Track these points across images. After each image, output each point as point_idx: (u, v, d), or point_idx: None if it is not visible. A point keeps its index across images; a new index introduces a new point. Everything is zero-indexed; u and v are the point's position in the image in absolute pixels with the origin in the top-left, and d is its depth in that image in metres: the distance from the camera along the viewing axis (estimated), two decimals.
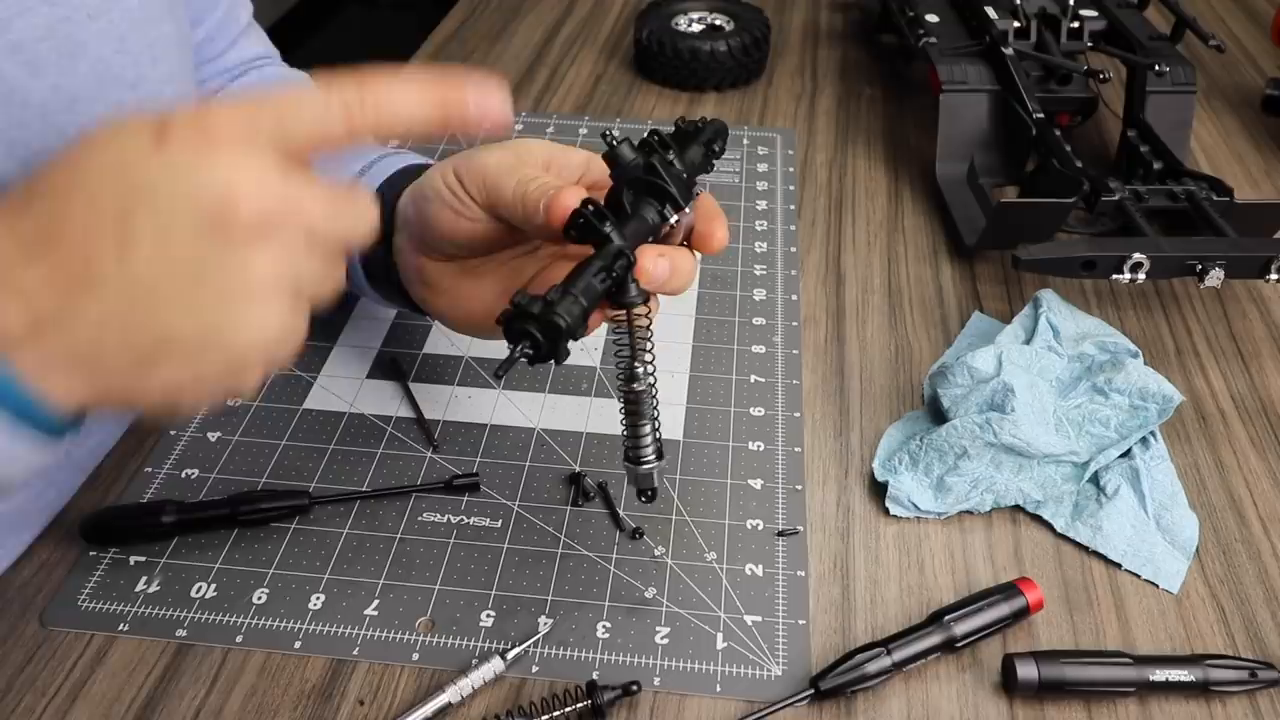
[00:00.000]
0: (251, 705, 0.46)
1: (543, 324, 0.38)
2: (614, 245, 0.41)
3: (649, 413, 0.46)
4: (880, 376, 0.64)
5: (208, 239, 0.33)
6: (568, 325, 0.39)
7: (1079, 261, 0.63)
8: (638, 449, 0.46)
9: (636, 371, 0.45)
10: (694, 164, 0.46)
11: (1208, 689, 0.46)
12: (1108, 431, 0.56)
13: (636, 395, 0.45)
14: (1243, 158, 0.87)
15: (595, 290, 0.40)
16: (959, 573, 0.52)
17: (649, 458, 0.46)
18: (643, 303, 0.43)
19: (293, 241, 0.34)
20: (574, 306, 0.39)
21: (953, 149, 0.80)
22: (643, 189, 0.44)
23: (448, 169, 0.49)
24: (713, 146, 0.47)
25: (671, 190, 0.43)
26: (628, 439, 0.46)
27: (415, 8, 3.00)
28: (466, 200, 0.48)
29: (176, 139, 0.33)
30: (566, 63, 1.00)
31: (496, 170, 0.47)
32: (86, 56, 0.48)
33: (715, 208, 0.46)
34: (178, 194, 0.33)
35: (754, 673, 0.47)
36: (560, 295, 0.39)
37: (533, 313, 0.39)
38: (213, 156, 0.33)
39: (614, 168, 0.44)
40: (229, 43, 0.68)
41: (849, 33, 1.07)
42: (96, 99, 0.48)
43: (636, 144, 0.44)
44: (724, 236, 0.46)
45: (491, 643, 0.48)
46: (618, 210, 0.43)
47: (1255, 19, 1.10)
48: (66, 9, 0.47)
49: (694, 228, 0.45)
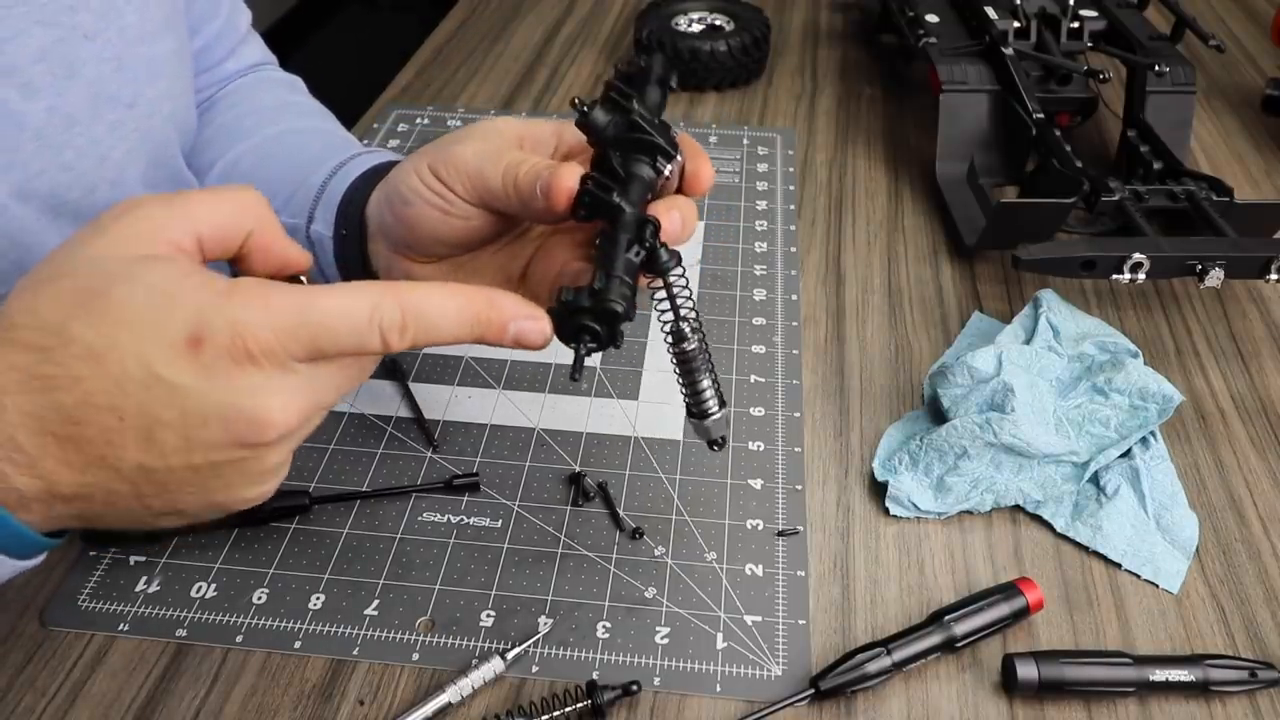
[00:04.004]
0: (251, 705, 0.46)
1: (599, 315, 0.38)
2: (632, 214, 0.40)
3: (704, 366, 0.44)
4: (880, 376, 0.64)
5: (230, 450, 0.34)
6: (625, 309, 0.38)
7: (1079, 261, 0.63)
8: (700, 403, 0.45)
9: (684, 331, 0.43)
10: (657, 105, 0.44)
11: (1208, 689, 0.46)
12: (1108, 431, 0.56)
13: (688, 354, 0.44)
14: (1243, 158, 0.87)
15: (634, 266, 0.40)
16: (959, 573, 0.52)
17: (713, 410, 0.45)
18: (676, 265, 0.42)
19: (307, 430, 0.36)
20: (624, 289, 0.38)
21: (953, 149, 0.80)
22: (629, 147, 0.42)
23: (422, 166, 0.46)
24: (668, 84, 0.46)
25: (659, 141, 0.42)
26: (688, 397, 0.45)
27: (415, 8, 3.00)
28: (452, 198, 0.45)
29: (211, 351, 0.33)
30: (566, 63, 1.00)
31: (478, 161, 0.45)
32: (83, 77, 0.47)
33: (696, 145, 0.45)
34: (208, 412, 0.33)
35: (754, 673, 0.47)
36: (606, 281, 0.38)
37: (585, 306, 0.38)
38: (246, 378, 0.33)
39: (592, 134, 0.42)
40: (228, 51, 0.67)
41: (849, 33, 1.07)
42: (93, 119, 0.48)
43: (603, 102, 0.43)
44: (710, 173, 0.45)
45: (491, 643, 0.48)
46: (613, 175, 0.42)
47: (1255, 19, 1.10)
48: (62, 30, 0.46)
49: (683, 169, 0.44)
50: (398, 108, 0.91)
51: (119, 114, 0.50)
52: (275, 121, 0.64)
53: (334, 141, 0.63)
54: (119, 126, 0.50)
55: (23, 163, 0.45)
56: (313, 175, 0.56)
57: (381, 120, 0.89)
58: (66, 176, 0.47)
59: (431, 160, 0.46)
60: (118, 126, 0.50)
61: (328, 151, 0.58)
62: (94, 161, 0.48)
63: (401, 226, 0.48)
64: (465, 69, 0.98)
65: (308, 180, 0.56)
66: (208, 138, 0.64)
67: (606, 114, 0.42)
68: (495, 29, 1.06)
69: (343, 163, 0.56)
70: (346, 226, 0.53)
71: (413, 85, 0.96)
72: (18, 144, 0.45)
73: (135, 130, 0.51)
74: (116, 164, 0.50)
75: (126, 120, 0.50)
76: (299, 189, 0.56)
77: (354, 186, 0.53)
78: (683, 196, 0.44)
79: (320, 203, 0.55)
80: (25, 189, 0.46)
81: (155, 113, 0.52)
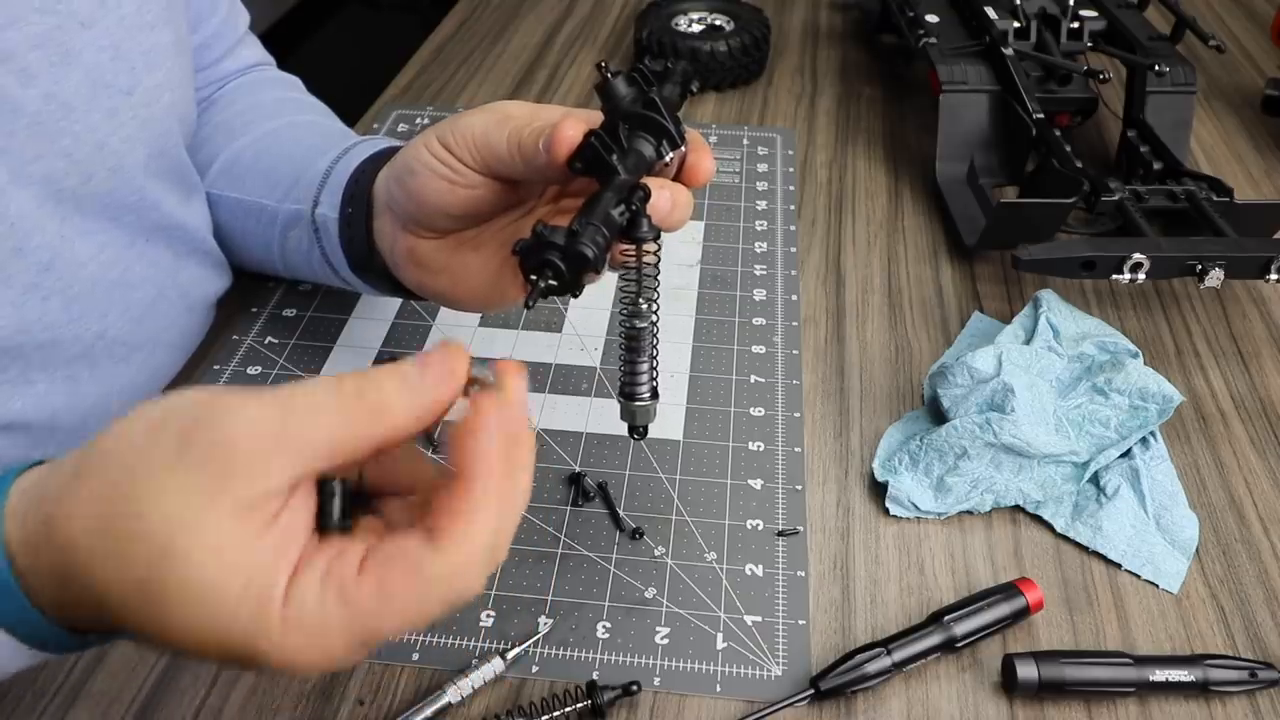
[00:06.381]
0: (251, 705, 0.46)
1: (567, 253, 0.37)
2: (624, 178, 0.40)
3: (648, 350, 0.45)
4: (880, 376, 0.64)
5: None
6: (595, 255, 0.37)
7: (1079, 261, 0.63)
8: (633, 384, 0.45)
9: (641, 308, 0.44)
10: (673, 103, 0.45)
11: (1208, 689, 0.46)
12: (1108, 431, 0.56)
13: (638, 331, 0.44)
14: (1243, 158, 0.87)
15: (615, 222, 0.39)
16: (959, 573, 0.52)
17: (643, 394, 0.45)
18: (654, 239, 0.42)
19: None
20: (599, 236, 0.38)
21: (953, 149, 0.80)
22: (639, 124, 0.42)
23: (431, 140, 0.46)
24: (689, 87, 0.46)
25: (669, 126, 0.42)
26: (624, 375, 0.45)
27: (415, 8, 3.00)
28: (459, 167, 0.46)
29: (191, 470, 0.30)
30: (566, 63, 1.00)
31: (485, 129, 0.45)
32: (79, 64, 0.47)
33: (702, 140, 0.45)
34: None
35: (754, 673, 0.47)
36: (583, 225, 0.38)
37: (556, 242, 0.37)
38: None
39: (608, 100, 0.43)
40: (225, 51, 0.67)
41: (849, 33, 1.07)
42: (90, 107, 0.48)
43: (625, 77, 0.43)
44: (710, 167, 0.45)
45: (491, 643, 0.48)
46: (616, 142, 0.42)
47: (1255, 19, 1.10)
48: (59, 17, 0.46)
49: (684, 161, 0.44)
50: (398, 108, 0.91)
51: (116, 101, 0.49)
52: (275, 116, 0.64)
53: (334, 134, 0.63)
54: (116, 114, 0.50)
55: (19, 149, 0.45)
56: (318, 160, 0.57)
57: (381, 120, 0.89)
58: (64, 163, 0.47)
59: (440, 133, 0.46)
60: (115, 114, 0.50)
61: (329, 142, 0.58)
62: (91, 148, 0.49)
63: (408, 199, 0.48)
64: (465, 69, 0.98)
65: (313, 165, 0.56)
66: (206, 135, 0.64)
67: (628, 86, 0.43)
68: (495, 29, 1.06)
69: (347, 149, 0.56)
70: (353, 205, 0.53)
71: (413, 85, 0.96)
72: (14, 130, 0.45)
73: (134, 118, 0.51)
74: (115, 151, 0.50)
75: (124, 108, 0.50)
76: (303, 174, 0.57)
77: (361, 168, 0.54)
78: (678, 184, 0.44)
79: (326, 186, 0.55)
80: (22, 175, 0.46)
81: (154, 101, 0.52)
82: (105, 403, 0.53)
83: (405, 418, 0.32)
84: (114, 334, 0.53)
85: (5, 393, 0.48)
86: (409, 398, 0.32)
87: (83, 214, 0.50)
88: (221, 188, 0.62)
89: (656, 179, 0.42)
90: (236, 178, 0.61)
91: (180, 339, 0.59)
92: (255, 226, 0.60)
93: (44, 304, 0.48)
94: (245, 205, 0.60)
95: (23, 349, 0.48)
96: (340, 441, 0.31)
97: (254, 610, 0.29)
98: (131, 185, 0.52)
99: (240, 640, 0.30)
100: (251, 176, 0.61)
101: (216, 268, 0.62)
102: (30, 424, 0.50)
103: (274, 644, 0.30)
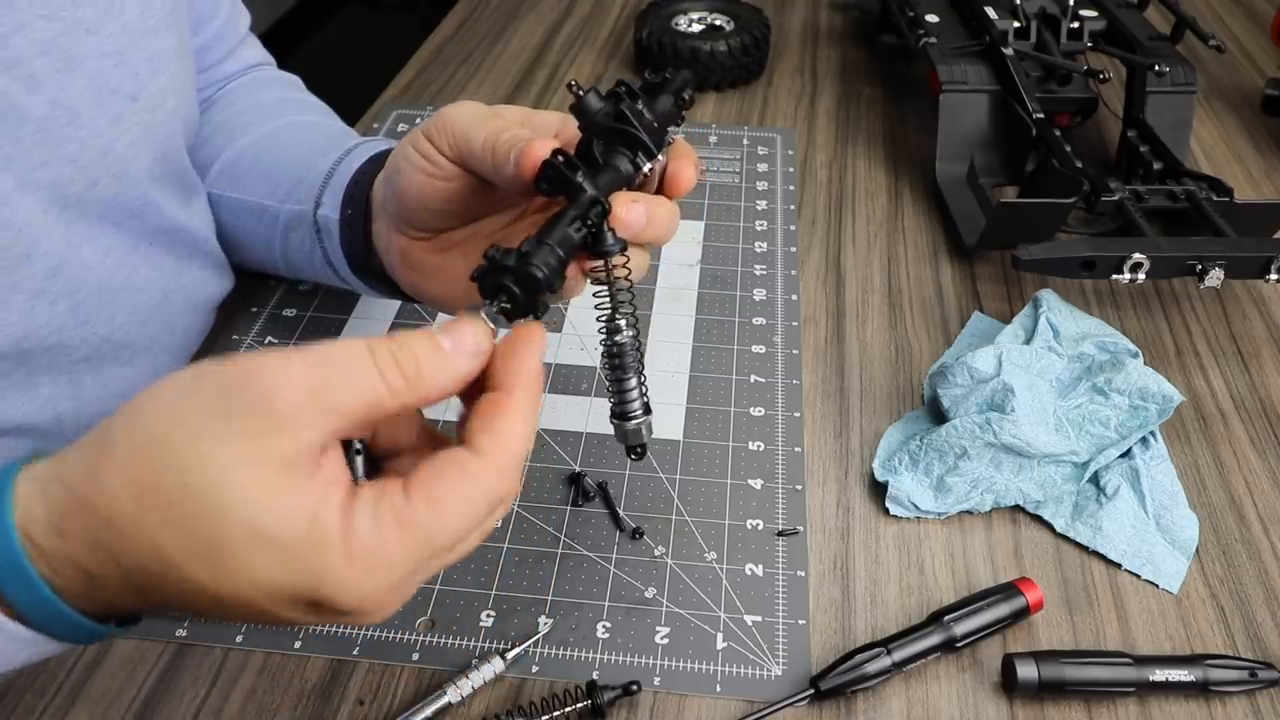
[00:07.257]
0: (251, 705, 0.46)
1: (518, 276, 0.37)
2: (587, 195, 0.40)
3: (633, 365, 0.44)
4: (880, 376, 0.64)
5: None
6: (545, 276, 0.37)
7: (1079, 261, 0.63)
8: (624, 404, 0.44)
9: (618, 324, 0.43)
10: (664, 113, 0.44)
11: (1207, 689, 0.47)
12: (1108, 431, 0.56)
13: (620, 348, 0.43)
14: (1243, 158, 0.87)
15: (571, 240, 0.39)
16: (959, 573, 0.52)
17: (636, 413, 0.44)
18: (620, 252, 0.41)
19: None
20: (550, 257, 0.37)
21: (953, 149, 0.80)
22: (613, 138, 0.42)
23: (417, 134, 0.46)
24: (682, 95, 0.45)
25: (643, 137, 0.42)
26: (613, 395, 0.45)
27: (415, 8, 3.00)
28: (436, 156, 0.45)
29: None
30: (566, 63, 1.00)
31: (465, 122, 0.44)
32: (85, 70, 0.47)
33: (688, 149, 0.44)
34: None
35: (754, 673, 0.47)
36: (535, 246, 0.37)
37: (507, 265, 0.37)
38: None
39: (582, 118, 0.42)
40: (226, 52, 0.67)
41: (849, 33, 1.07)
42: (96, 113, 0.48)
43: (604, 94, 0.43)
44: (691, 176, 0.44)
45: (491, 643, 0.48)
46: (589, 161, 0.42)
47: (1255, 19, 1.10)
48: (64, 24, 0.46)
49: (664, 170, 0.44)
50: (397, 108, 0.91)
51: (121, 107, 0.50)
52: (275, 116, 0.64)
53: (335, 134, 0.63)
54: (121, 120, 0.50)
55: (25, 155, 0.45)
56: (320, 161, 0.56)
57: (381, 120, 0.89)
58: (70, 169, 0.47)
59: (426, 126, 0.46)
60: (120, 120, 0.50)
61: (330, 142, 0.58)
62: (97, 154, 0.49)
63: (394, 195, 0.48)
64: (465, 69, 0.98)
65: (315, 166, 0.56)
66: (207, 136, 0.64)
67: (599, 101, 0.42)
68: (495, 29, 1.06)
69: (350, 149, 0.56)
70: (352, 207, 0.53)
71: (413, 85, 0.96)
72: (20, 136, 0.45)
73: (138, 124, 0.51)
74: (120, 157, 0.50)
75: (129, 114, 0.50)
76: (305, 175, 0.56)
77: (362, 169, 0.54)
78: (661, 197, 0.43)
79: (328, 187, 0.55)
80: (29, 181, 0.46)
81: (159, 106, 0.52)
82: (108, 405, 0.53)
83: (434, 389, 0.34)
84: (120, 337, 0.53)
85: (10, 396, 0.48)
86: (440, 372, 0.34)
87: (88, 219, 0.50)
88: (222, 188, 0.62)
89: (628, 193, 0.42)
90: (237, 178, 0.61)
91: (183, 341, 0.59)
92: (256, 226, 0.60)
93: (51, 308, 0.48)
94: (246, 205, 0.60)
95: (29, 353, 0.48)
96: (374, 406, 0.32)
97: (317, 551, 0.30)
98: (136, 190, 0.52)
99: (310, 584, 0.31)
100: (252, 177, 0.61)
101: (219, 270, 0.62)
102: (34, 427, 0.50)
103: (340, 580, 0.31)
